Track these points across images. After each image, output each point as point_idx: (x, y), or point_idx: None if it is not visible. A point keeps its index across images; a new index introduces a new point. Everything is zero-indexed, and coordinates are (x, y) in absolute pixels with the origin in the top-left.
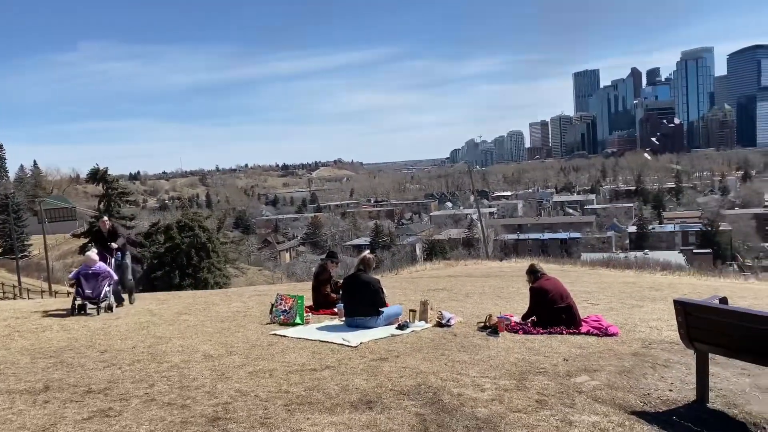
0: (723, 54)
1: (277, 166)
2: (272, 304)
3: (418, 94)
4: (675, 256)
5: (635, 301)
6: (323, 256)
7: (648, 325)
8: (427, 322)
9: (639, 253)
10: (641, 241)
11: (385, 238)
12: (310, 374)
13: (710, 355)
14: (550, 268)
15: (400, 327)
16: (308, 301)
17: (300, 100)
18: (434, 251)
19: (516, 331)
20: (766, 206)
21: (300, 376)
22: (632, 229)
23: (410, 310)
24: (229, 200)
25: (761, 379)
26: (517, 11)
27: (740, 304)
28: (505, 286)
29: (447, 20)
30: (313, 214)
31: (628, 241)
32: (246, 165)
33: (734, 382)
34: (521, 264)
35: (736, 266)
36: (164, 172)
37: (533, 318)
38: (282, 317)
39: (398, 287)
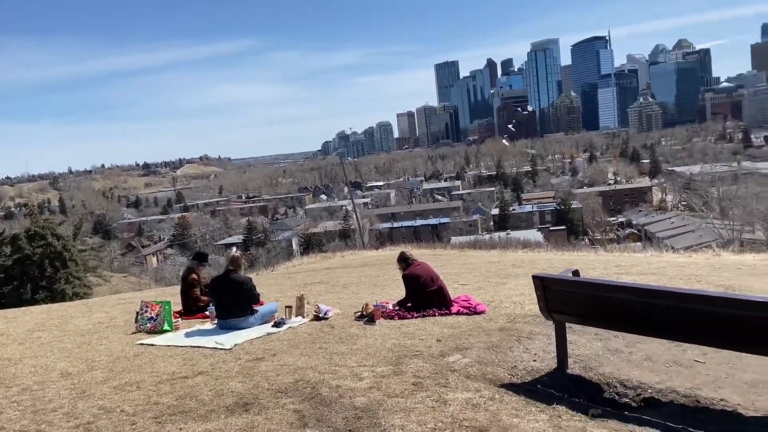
0: (567, 45)
1: (138, 165)
2: (137, 312)
3: (286, 87)
4: (534, 234)
5: (500, 279)
6: (190, 258)
7: (512, 301)
8: (304, 317)
9: (502, 234)
10: (504, 222)
11: (260, 235)
12: (182, 382)
13: (568, 324)
14: (423, 254)
15: (277, 324)
16: (177, 306)
17: (160, 95)
18: (311, 245)
19: (392, 318)
20: (609, 184)
21: (170, 386)
22: (495, 211)
23: (286, 307)
24: (85, 204)
25: (611, 343)
26: (382, 3)
27: (591, 275)
28: (381, 274)
29: (314, 11)
30: (180, 215)
31: (492, 223)
32: (102, 165)
33: (589, 347)
34: (396, 252)
35: (587, 240)
36: (8, 177)
37: (408, 303)
38: (149, 325)
39: (274, 284)
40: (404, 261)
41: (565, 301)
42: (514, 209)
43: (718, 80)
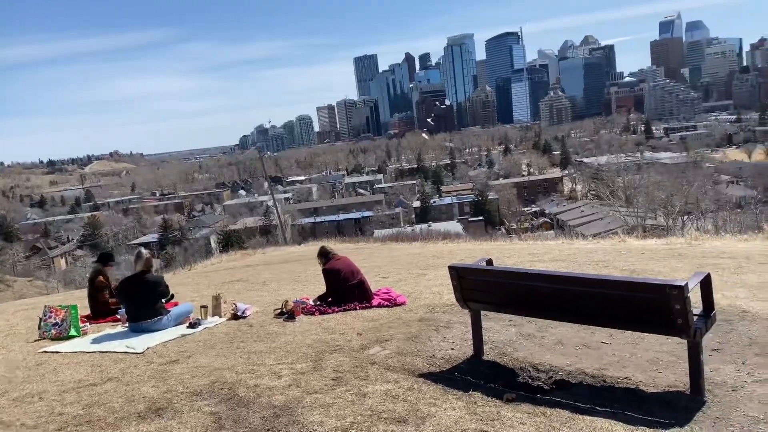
0: (482, 40)
1: (42, 162)
2: (40, 319)
3: (200, 79)
4: (454, 226)
5: (420, 270)
6: (94, 261)
7: (432, 291)
8: (221, 316)
9: (424, 226)
10: (425, 214)
11: (176, 233)
12: (89, 390)
13: (483, 312)
14: (346, 247)
15: (192, 325)
16: (85, 310)
17: (64, 88)
18: (230, 242)
19: (312, 313)
20: (523, 175)
21: (77, 394)
22: (417, 204)
23: (201, 307)
24: None
25: (524, 328)
26: None
27: (506, 263)
28: (302, 270)
29: (226, 1)
30: (89, 214)
31: (414, 216)
32: (2, 163)
33: (504, 333)
34: (318, 246)
35: (504, 230)
36: None
37: (329, 298)
38: (54, 331)
39: (191, 283)
40: (324, 256)
41: (480, 289)
42: (434, 201)
43: (621, 75)
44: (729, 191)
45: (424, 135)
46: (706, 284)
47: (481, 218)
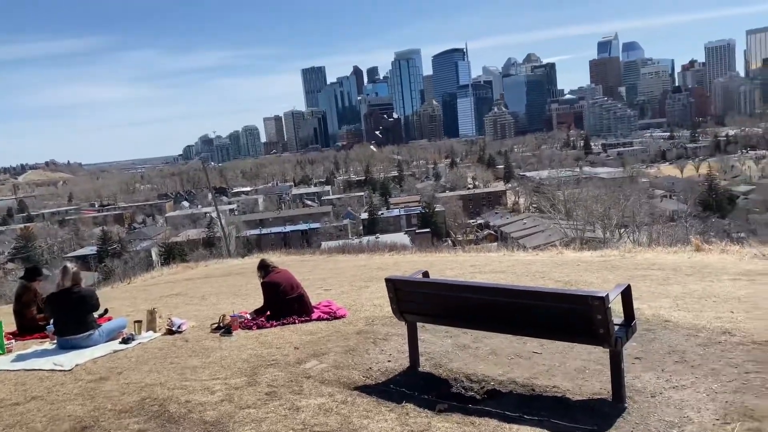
0: (429, 55)
1: None
2: None
3: (142, 87)
4: (401, 238)
5: (364, 282)
6: (20, 277)
7: (373, 303)
8: (155, 331)
9: (372, 238)
10: (373, 226)
11: (115, 245)
12: (12, 410)
13: (421, 324)
14: (292, 260)
15: (125, 341)
16: (11, 327)
17: None
18: (172, 254)
19: (250, 328)
20: (469, 188)
21: None
22: (365, 215)
23: (135, 322)
24: None
25: (460, 339)
26: (244, 4)
27: (448, 275)
28: (244, 284)
29: (170, 9)
30: (22, 225)
31: (362, 227)
32: None
33: (440, 344)
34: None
35: (450, 241)
36: None
37: (268, 312)
38: None
39: (128, 297)
40: (264, 269)
41: (415, 301)
42: (382, 213)
43: (562, 92)
44: (663, 205)
45: (372, 147)
46: (626, 295)
47: (428, 230)
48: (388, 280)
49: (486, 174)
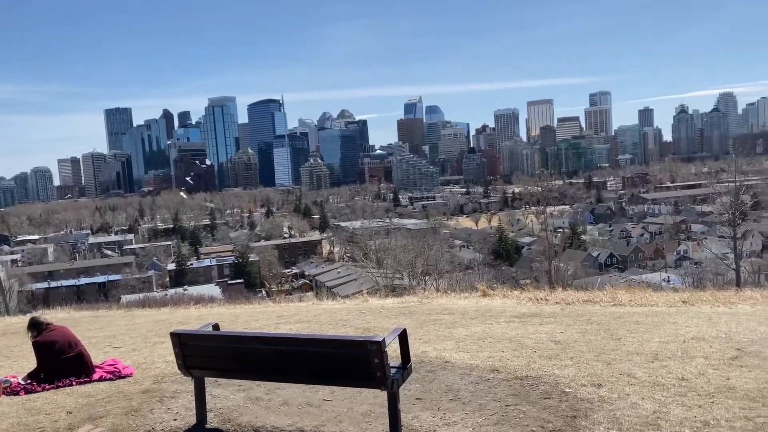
0: (244, 104)
1: None
2: None
3: None
4: (212, 289)
5: (159, 338)
6: None
7: (165, 360)
8: None
9: (179, 290)
10: (180, 277)
11: None
12: None
13: (214, 379)
14: (83, 316)
15: None
16: None
17: None
18: None
19: (17, 393)
20: (285, 237)
21: None
22: (172, 266)
23: None
24: None
25: (253, 392)
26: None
27: (253, 326)
28: (19, 344)
29: None
30: None
31: (168, 279)
32: None
33: (232, 399)
34: (53, 314)
35: (264, 292)
36: None
37: (41, 375)
38: None
39: None
40: (35, 327)
41: (203, 355)
42: (192, 264)
43: (373, 147)
44: (461, 254)
45: (182, 194)
46: (403, 339)
47: (241, 280)
48: (173, 335)
49: (302, 223)
